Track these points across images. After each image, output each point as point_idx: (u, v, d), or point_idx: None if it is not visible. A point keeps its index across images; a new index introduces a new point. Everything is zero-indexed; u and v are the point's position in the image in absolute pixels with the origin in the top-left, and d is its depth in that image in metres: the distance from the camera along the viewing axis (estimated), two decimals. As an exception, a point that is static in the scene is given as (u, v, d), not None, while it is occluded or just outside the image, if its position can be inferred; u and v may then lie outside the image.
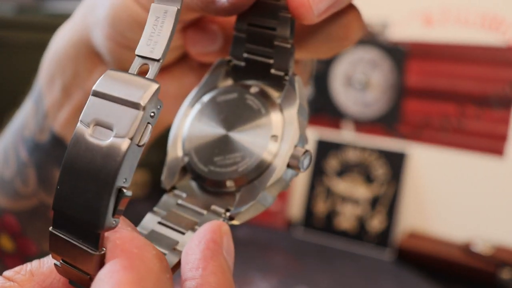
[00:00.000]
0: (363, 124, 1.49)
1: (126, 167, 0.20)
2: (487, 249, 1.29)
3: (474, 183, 1.35)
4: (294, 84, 0.27)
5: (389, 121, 1.45)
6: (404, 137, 1.43)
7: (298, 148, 0.26)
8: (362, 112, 1.49)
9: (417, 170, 1.42)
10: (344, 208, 1.46)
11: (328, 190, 1.49)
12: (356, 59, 1.48)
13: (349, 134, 1.51)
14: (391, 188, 1.41)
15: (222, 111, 0.28)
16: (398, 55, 1.42)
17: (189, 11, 0.28)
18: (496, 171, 1.31)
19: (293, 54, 0.27)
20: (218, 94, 0.28)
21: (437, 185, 1.40)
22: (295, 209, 1.56)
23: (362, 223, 1.43)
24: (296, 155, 0.25)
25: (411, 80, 1.41)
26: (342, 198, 1.47)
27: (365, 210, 1.43)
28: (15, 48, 1.26)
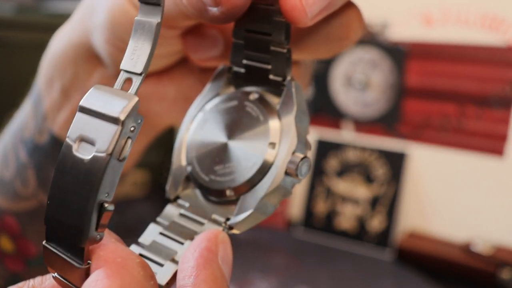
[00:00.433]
0: (363, 124, 1.49)
1: (107, 182, 0.21)
2: (487, 249, 1.29)
3: (474, 183, 1.34)
4: (291, 89, 0.26)
5: (389, 121, 1.45)
6: (404, 137, 1.43)
7: (296, 154, 0.26)
8: (362, 112, 1.49)
9: (417, 170, 1.42)
10: (344, 208, 1.46)
11: (328, 190, 1.49)
12: (356, 59, 1.48)
13: (349, 134, 1.51)
14: (391, 188, 1.41)
15: (224, 119, 0.28)
16: (398, 55, 1.42)
17: (186, 18, 0.28)
18: (496, 171, 1.31)
19: (289, 59, 0.27)
20: (219, 102, 0.28)
21: (437, 185, 1.40)
22: (295, 209, 1.56)
23: (362, 223, 1.43)
24: (293, 162, 0.25)
25: (411, 80, 1.41)
26: (342, 198, 1.47)
27: (365, 210, 1.43)
28: (15, 48, 1.26)
